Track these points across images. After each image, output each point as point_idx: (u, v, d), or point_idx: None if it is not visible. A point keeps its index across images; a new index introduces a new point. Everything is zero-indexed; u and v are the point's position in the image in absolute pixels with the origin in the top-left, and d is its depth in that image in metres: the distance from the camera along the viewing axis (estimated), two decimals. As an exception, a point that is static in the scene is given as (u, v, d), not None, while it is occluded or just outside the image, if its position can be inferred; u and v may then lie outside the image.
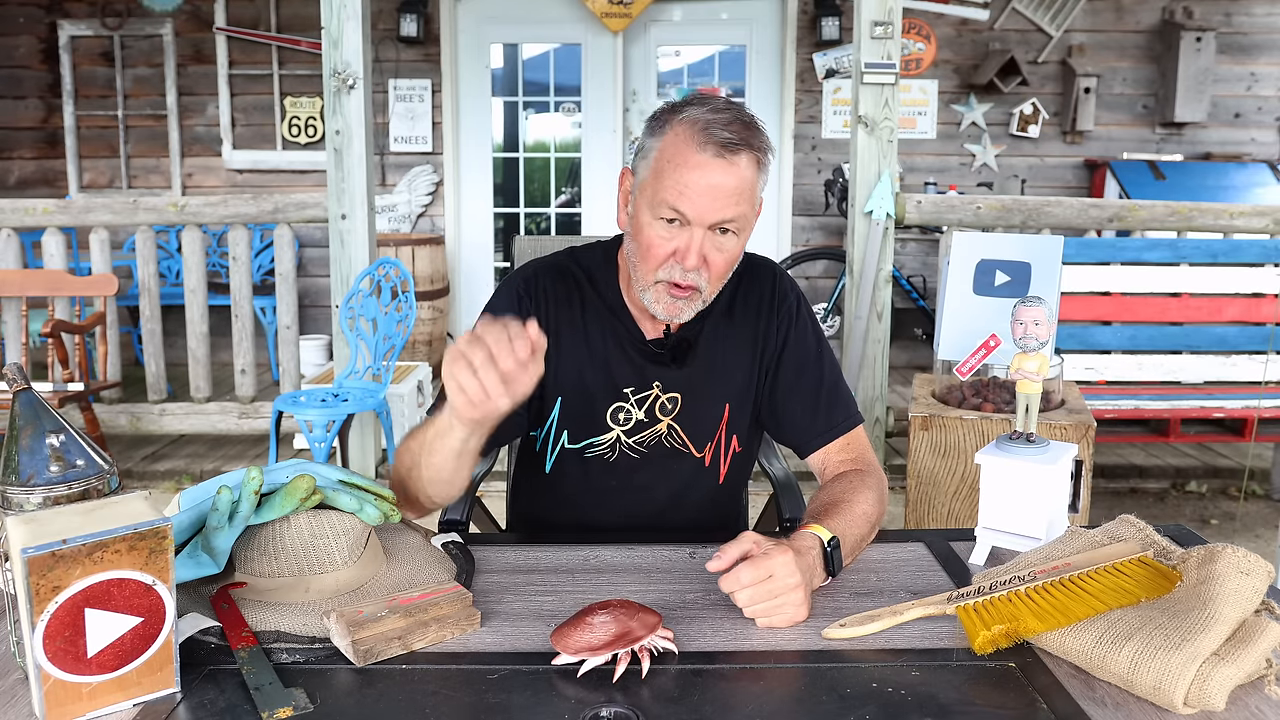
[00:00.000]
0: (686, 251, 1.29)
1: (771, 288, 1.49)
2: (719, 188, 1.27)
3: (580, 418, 1.44)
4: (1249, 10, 5.79)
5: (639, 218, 1.34)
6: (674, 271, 1.31)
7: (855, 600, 1.13)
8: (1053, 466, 1.23)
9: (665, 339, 1.43)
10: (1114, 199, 5.25)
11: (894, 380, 4.84)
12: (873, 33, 3.68)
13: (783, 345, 1.47)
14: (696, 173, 1.27)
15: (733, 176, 1.27)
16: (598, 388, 1.43)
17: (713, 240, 1.30)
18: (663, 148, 1.30)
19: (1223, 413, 3.58)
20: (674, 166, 1.28)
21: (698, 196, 1.27)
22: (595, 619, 0.97)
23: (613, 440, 1.44)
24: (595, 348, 1.44)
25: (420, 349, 5.30)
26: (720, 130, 1.27)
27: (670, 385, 1.44)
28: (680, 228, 1.30)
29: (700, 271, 1.31)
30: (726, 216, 1.28)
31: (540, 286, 1.45)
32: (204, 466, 4.01)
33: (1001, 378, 2.46)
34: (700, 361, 1.45)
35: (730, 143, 1.27)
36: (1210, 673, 0.88)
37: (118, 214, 4.13)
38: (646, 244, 1.32)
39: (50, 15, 5.75)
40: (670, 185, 1.28)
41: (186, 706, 0.90)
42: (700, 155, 1.27)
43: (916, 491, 2.44)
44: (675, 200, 1.27)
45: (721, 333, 1.46)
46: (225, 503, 1.05)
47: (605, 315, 1.45)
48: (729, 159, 1.27)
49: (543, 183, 6.07)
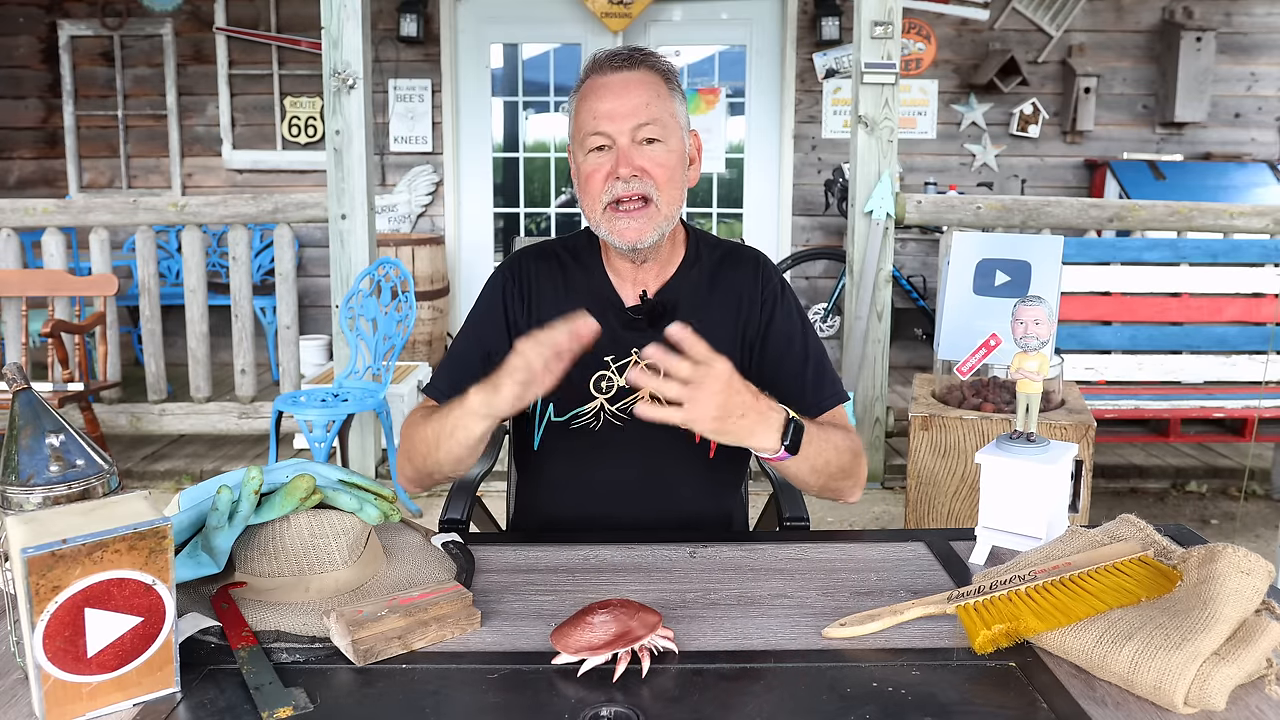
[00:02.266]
0: (617, 164, 1.37)
1: (755, 269, 1.53)
2: (622, 98, 1.37)
3: (564, 388, 1.44)
4: (1249, 10, 5.79)
5: (577, 164, 1.44)
6: (615, 188, 1.38)
7: (855, 600, 1.13)
8: (1053, 466, 1.23)
9: (642, 304, 1.47)
10: (1114, 199, 5.25)
11: (894, 380, 4.84)
12: (873, 33, 3.68)
13: (767, 324, 1.50)
14: (599, 94, 1.39)
15: (634, 85, 1.38)
16: (580, 357, 1.45)
17: (640, 151, 1.38)
18: (577, 100, 1.43)
19: (1223, 413, 3.58)
20: (584, 100, 1.40)
21: (608, 110, 1.37)
22: (595, 619, 0.97)
23: (596, 409, 1.46)
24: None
25: (420, 349, 5.30)
26: (610, 55, 1.41)
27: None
28: (608, 152, 1.39)
29: (643, 179, 1.37)
30: (640, 120, 1.37)
31: (522, 268, 1.53)
32: (204, 466, 4.01)
33: (1001, 378, 2.46)
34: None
35: (621, 58, 1.40)
36: (1211, 672, 0.88)
37: (118, 214, 4.13)
38: (585, 177, 1.41)
39: (50, 15, 5.75)
40: (585, 117, 1.40)
41: (186, 706, 0.90)
42: (600, 78, 1.40)
43: (916, 491, 2.44)
44: (591, 125, 1.38)
45: (702, 303, 1.49)
46: (225, 502, 1.05)
47: (586, 285, 1.50)
48: (625, 72, 1.39)
49: (542, 183, 6.07)
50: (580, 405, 1.47)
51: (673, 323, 1.42)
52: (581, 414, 1.47)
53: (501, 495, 1.88)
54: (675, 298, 1.48)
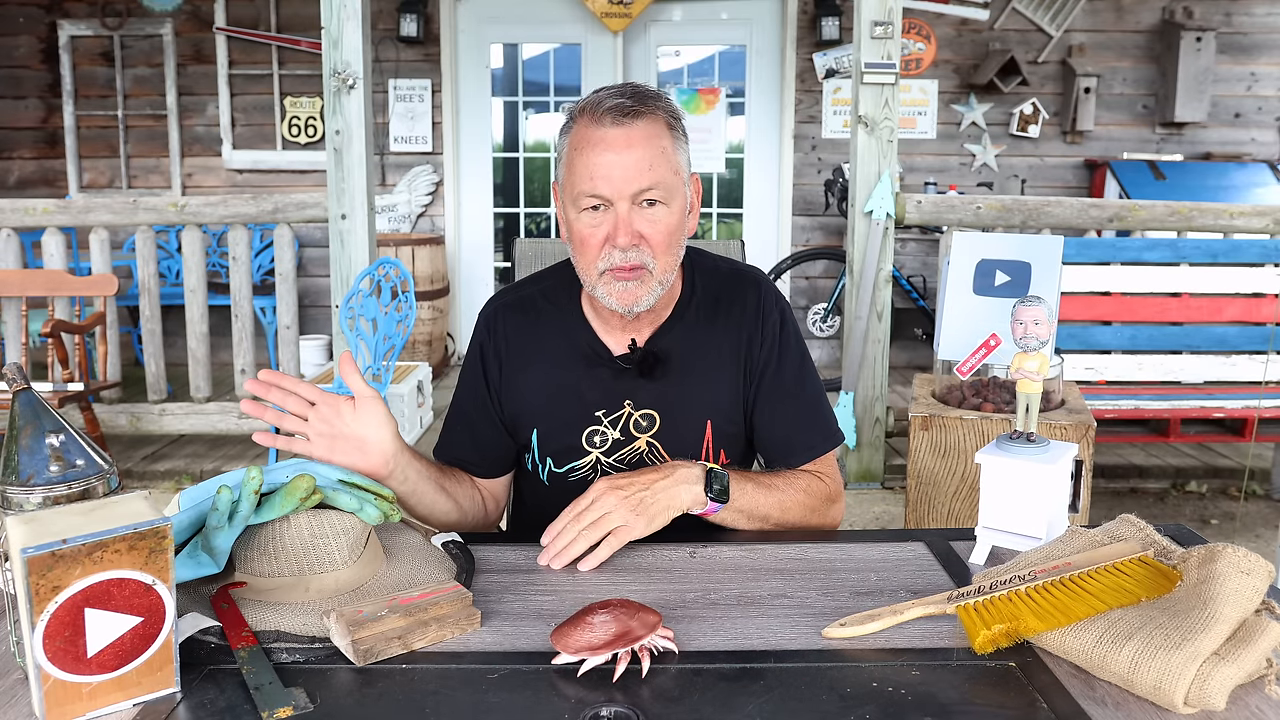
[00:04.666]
0: (616, 231, 1.29)
1: (756, 301, 1.46)
2: (624, 157, 1.27)
3: (558, 444, 1.44)
4: (1249, 10, 5.79)
5: (568, 219, 1.35)
6: (612, 256, 1.30)
7: (855, 600, 1.13)
8: (1053, 466, 1.23)
9: (631, 353, 1.41)
10: (1114, 199, 5.25)
11: (894, 380, 4.84)
12: (873, 33, 3.68)
13: (765, 363, 1.44)
14: (599, 149, 1.27)
15: (636, 143, 1.27)
16: (570, 413, 1.42)
17: (641, 214, 1.30)
18: (570, 145, 1.32)
19: (1223, 413, 3.58)
20: (579, 152, 1.29)
21: (607, 171, 1.27)
22: (595, 618, 0.97)
23: (592, 462, 1.43)
24: (563, 374, 1.43)
25: (420, 349, 5.30)
26: (610, 101, 1.28)
27: (643, 402, 1.41)
28: (604, 212, 1.30)
29: (640, 249, 1.30)
30: (643, 185, 1.28)
31: (496, 324, 1.48)
32: (204, 466, 4.01)
33: (1001, 378, 2.46)
34: (674, 377, 1.42)
35: (623, 108, 1.28)
36: (1210, 672, 0.88)
37: (118, 214, 4.13)
38: (580, 239, 1.32)
39: (50, 15, 5.75)
40: (581, 173, 1.29)
41: (186, 706, 0.90)
42: (598, 131, 1.28)
43: (916, 491, 2.44)
44: (588, 186, 1.28)
45: (698, 345, 1.43)
46: (225, 502, 1.05)
47: (569, 338, 1.44)
48: (626, 125, 1.27)
49: (542, 183, 6.07)
50: (575, 460, 1.44)
51: (665, 370, 1.39)
52: (578, 468, 1.44)
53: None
54: (668, 344, 1.42)
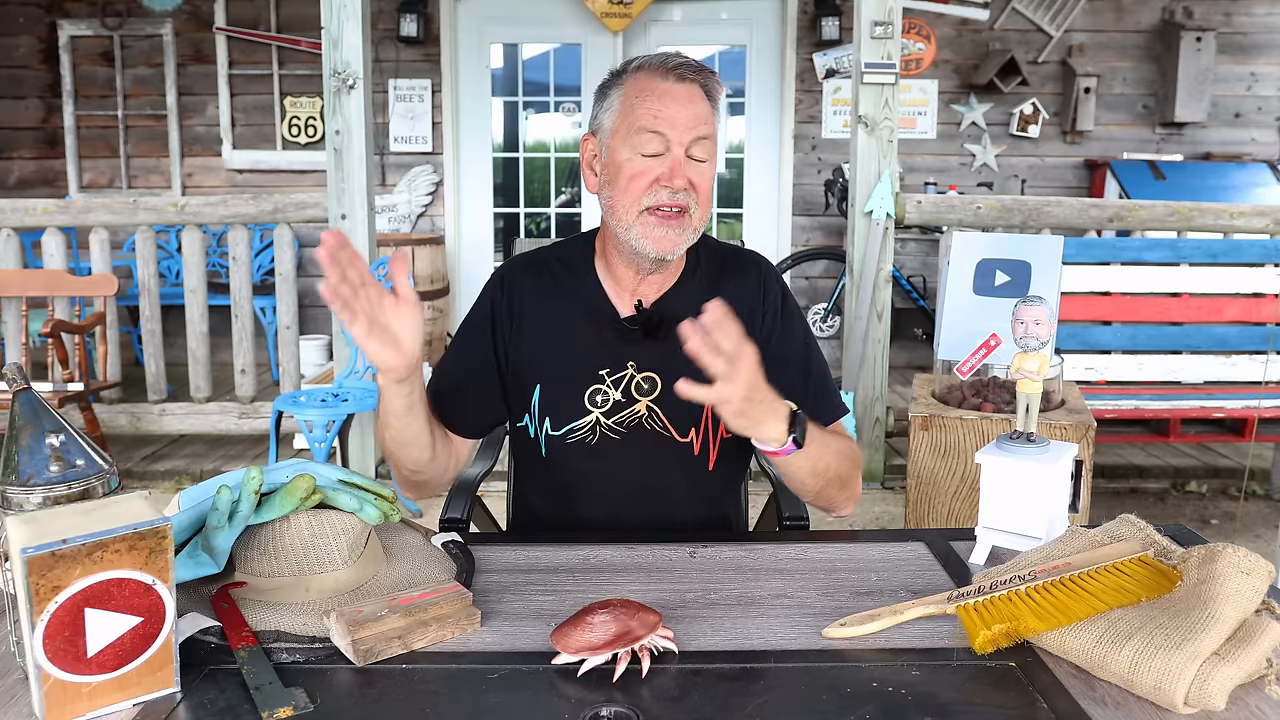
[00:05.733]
0: (672, 173, 1.34)
1: (758, 279, 1.50)
2: (688, 108, 1.36)
3: (559, 403, 1.45)
4: (1249, 10, 5.79)
5: (617, 159, 1.38)
6: (660, 195, 1.35)
7: (855, 600, 1.13)
8: (1053, 466, 1.23)
9: (637, 314, 1.44)
10: (1114, 199, 5.25)
11: (894, 380, 4.84)
12: (873, 33, 3.68)
13: (770, 337, 1.47)
14: (666, 97, 1.35)
15: (697, 99, 1.37)
16: (573, 371, 1.44)
17: (691, 165, 1.36)
18: (626, 93, 1.38)
19: (1223, 413, 3.58)
20: (644, 97, 1.36)
21: (674, 115, 1.35)
22: (595, 618, 0.97)
23: (591, 423, 1.44)
24: (569, 332, 1.45)
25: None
26: (676, 60, 1.38)
27: (645, 364, 1.44)
28: (659, 158, 1.35)
29: (688, 192, 1.36)
30: (701, 134, 1.36)
31: (512, 281, 1.50)
32: (204, 466, 4.01)
33: (1001, 378, 2.46)
34: (676, 341, 1.42)
35: (690, 66, 1.38)
36: (1211, 672, 0.88)
37: (118, 214, 4.13)
38: (630, 175, 1.36)
39: (50, 15, 5.75)
40: (644, 113, 1.35)
41: (186, 706, 0.90)
42: (665, 82, 1.36)
43: (916, 491, 2.44)
44: (653, 124, 1.34)
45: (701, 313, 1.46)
46: (225, 502, 1.05)
47: (580, 296, 1.47)
48: (690, 81, 1.37)
49: (543, 183, 6.07)
50: (575, 420, 1.44)
51: (668, 333, 1.40)
52: (577, 428, 1.44)
53: (501, 495, 1.88)
54: (673, 308, 1.44)
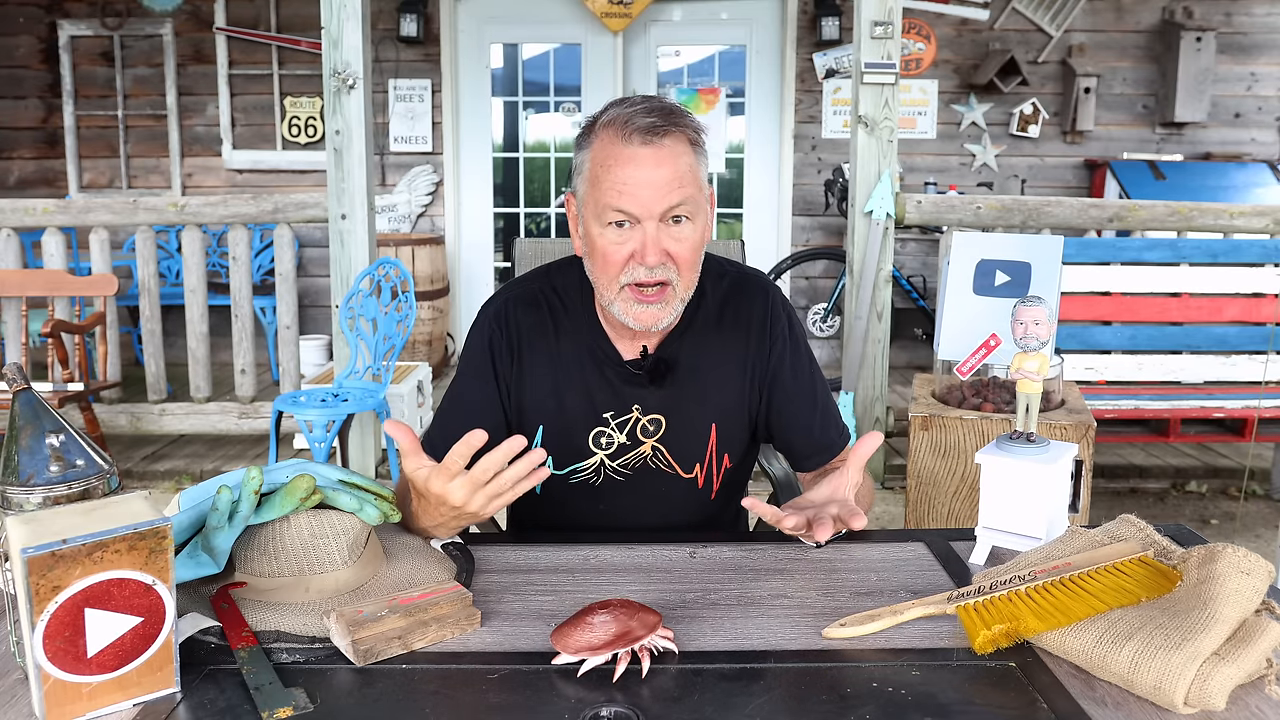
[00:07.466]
0: (644, 250, 1.28)
1: (765, 307, 1.46)
2: (655, 175, 1.26)
3: (562, 445, 1.43)
4: (1249, 10, 5.79)
5: (589, 233, 1.32)
6: (636, 272, 1.29)
7: (855, 600, 1.13)
8: (1053, 466, 1.23)
9: (642, 359, 1.41)
10: (1114, 199, 5.25)
11: (894, 380, 4.84)
12: (873, 33, 3.68)
13: (777, 368, 1.45)
14: (629, 167, 1.26)
15: (665, 161, 1.27)
16: (577, 414, 1.42)
17: (668, 232, 1.29)
18: (592, 156, 1.30)
19: (1223, 413, 3.58)
20: (606, 169, 1.28)
21: (637, 190, 1.26)
22: (595, 619, 0.97)
23: (596, 465, 1.43)
24: (572, 374, 1.42)
25: (420, 349, 5.30)
26: (640, 119, 1.27)
27: (651, 407, 1.42)
28: (631, 229, 1.28)
29: (667, 266, 1.29)
30: (672, 202, 1.27)
31: (512, 320, 1.44)
32: (204, 466, 4.01)
33: (1001, 378, 2.46)
34: (682, 382, 1.42)
35: (653, 127, 1.26)
36: (1211, 672, 0.88)
37: (118, 214, 4.13)
38: (602, 254, 1.30)
39: (50, 15, 5.75)
40: (608, 188, 1.27)
41: (186, 706, 0.90)
42: (627, 149, 1.27)
43: (916, 491, 2.44)
44: (616, 201, 1.27)
45: (707, 350, 1.43)
46: (225, 503, 1.05)
47: (581, 339, 1.43)
48: (656, 144, 1.27)
49: (542, 183, 6.07)
50: (579, 461, 1.43)
51: (674, 378, 1.40)
52: (580, 469, 1.43)
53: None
54: (678, 352, 1.42)
